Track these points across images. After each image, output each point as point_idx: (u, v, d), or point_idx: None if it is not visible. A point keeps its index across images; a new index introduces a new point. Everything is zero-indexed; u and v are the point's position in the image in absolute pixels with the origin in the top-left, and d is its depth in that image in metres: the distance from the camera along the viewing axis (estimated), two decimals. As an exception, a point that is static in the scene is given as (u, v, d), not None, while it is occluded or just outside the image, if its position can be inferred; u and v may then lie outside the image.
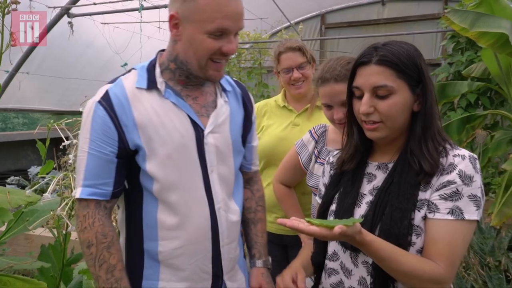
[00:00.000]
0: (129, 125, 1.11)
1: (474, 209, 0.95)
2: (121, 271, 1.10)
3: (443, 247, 0.93)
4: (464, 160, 0.98)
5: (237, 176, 1.32)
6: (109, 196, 1.13)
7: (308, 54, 1.90)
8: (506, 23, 2.49)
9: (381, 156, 1.11)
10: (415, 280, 0.93)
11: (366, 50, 1.04)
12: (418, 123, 1.02)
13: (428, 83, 1.02)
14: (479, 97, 4.23)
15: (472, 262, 2.58)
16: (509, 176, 2.85)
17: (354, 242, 0.90)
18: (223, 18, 1.05)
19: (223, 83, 1.29)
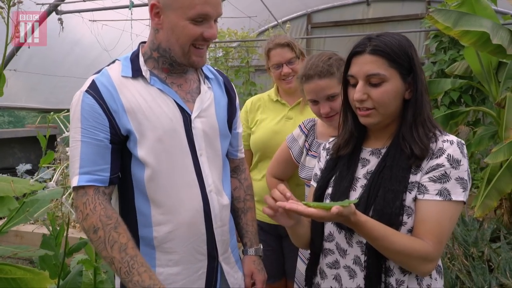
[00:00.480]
0: (118, 111, 1.13)
1: (460, 191, 1.01)
2: (133, 248, 1.10)
3: (431, 226, 0.99)
4: (452, 145, 1.04)
5: (224, 162, 1.36)
6: (107, 182, 1.13)
7: (297, 49, 1.95)
8: (487, 22, 2.59)
9: (374, 142, 1.17)
10: (406, 258, 0.98)
11: (361, 41, 1.09)
12: (409, 110, 1.08)
13: (419, 72, 1.07)
14: (462, 95, 4.35)
15: (457, 253, 2.66)
16: (491, 170, 2.96)
17: (349, 222, 0.93)
18: (203, 4, 1.09)
19: (205, 71, 1.33)
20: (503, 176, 2.62)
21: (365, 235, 0.97)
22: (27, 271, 1.29)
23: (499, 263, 2.43)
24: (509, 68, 3.26)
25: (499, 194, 2.65)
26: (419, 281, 1.06)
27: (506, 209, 3.32)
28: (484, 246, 2.70)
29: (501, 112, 3.02)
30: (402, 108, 1.10)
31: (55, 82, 5.00)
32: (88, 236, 1.11)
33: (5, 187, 1.15)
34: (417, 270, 1.01)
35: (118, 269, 1.08)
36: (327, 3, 7.55)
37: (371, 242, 0.98)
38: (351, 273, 1.11)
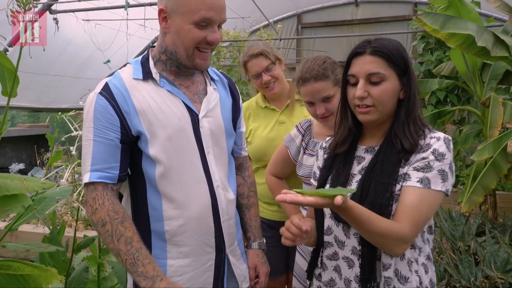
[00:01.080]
0: (130, 112, 1.19)
1: (440, 182, 1.09)
2: (138, 241, 1.16)
3: (410, 210, 1.07)
4: (439, 141, 1.12)
5: (230, 159, 1.43)
6: (116, 180, 1.20)
7: (271, 56, 1.98)
8: (472, 25, 2.69)
9: (369, 141, 1.25)
10: (386, 240, 1.05)
11: (361, 43, 1.17)
12: (402, 109, 1.16)
13: (412, 74, 1.17)
14: (448, 95, 4.47)
15: (445, 247, 2.76)
16: (476, 167, 3.07)
17: (341, 208, 0.98)
18: (206, 9, 1.15)
19: (211, 74, 1.41)
20: (488, 173, 2.72)
21: (351, 219, 1.02)
22: (35, 268, 1.32)
23: (485, 256, 2.53)
24: (493, 69, 3.37)
25: (484, 190, 2.75)
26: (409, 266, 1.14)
27: (490, 205, 3.43)
28: (470, 240, 2.80)
29: (486, 112, 3.12)
30: (396, 108, 1.18)
31: (47, 81, 4.98)
32: (97, 229, 1.18)
33: (18, 185, 1.19)
34: (392, 251, 1.08)
35: (124, 261, 1.15)
36: (317, 4, 7.63)
37: (356, 225, 1.04)
38: (350, 263, 1.18)
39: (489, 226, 3.03)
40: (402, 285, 1.11)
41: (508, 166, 2.68)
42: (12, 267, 1.31)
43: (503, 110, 2.77)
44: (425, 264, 1.17)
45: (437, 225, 3.17)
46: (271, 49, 2.02)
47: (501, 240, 2.71)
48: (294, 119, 2.02)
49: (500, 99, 2.87)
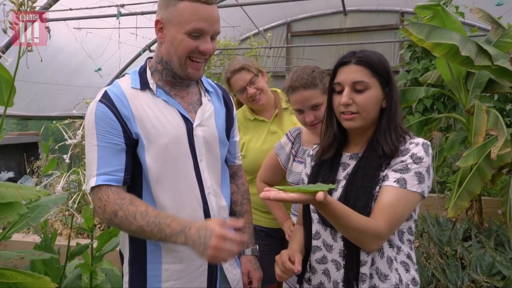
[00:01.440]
0: (130, 118, 1.23)
1: (416, 183, 1.15)
2: (154, 210, 1.18)
3: (386, 208, 1.12)
4: (418, 146, 1.19)
5: (223, 167, 1.46)
6: (121, 182, 1.23)
7: (253, 68, 2.02)
8: (456, 36, 2.78)
9: (353, 148, 1.31)
10: (361, 235, 1.10)
11: (346, 54, 1.25)
12: (384, 117, 1.23)
13: (394, 84, 1.24)
14: (434, 102, 4.56)
15: (432, 252, 2.80)
16: (462, 173, 3.14)
17: (321, 203, 1.02)
18: (198, 20, 1.20)
19: (206, 85, 1.45)
20: (473, 179, 2.79)
21: (330, 214, 1.06)
22: (28, 276, 1.33)
23: (471, 261, 2.58)
24: (477, 78, 3.45)
25: (469, 196, 2.82)
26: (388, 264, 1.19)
27: (476, 210, 3.50)
28: (457, 245, 2.84)
29: (470, 119, 3.20)
30: (378, 116, 1.24)
31: (37, 89, 4.96)
32: (112, 222, 1.19)
33: (14, 193, 1.21)
34: (367, 246, 1.13)
35: (150, 233, 1.15)
36: (306, 13, 7.73)
37: (335, 221, 1.08)
38: (338, 266, 1.23)
39: (475, 231, 3.08)
40: (382, 282, 1.16)
41: (492, 171, 2.76)
42: (5, 276, 1.31)
43: (486, 117, 2.85)
44: (405, 262, 1.22)
45: (425, 231, 3.22)
46: (251, 62, 2.06)
47: (486, 244, 2.76)
48: (285, 128, 2.06)
49: (484, 106, 2.95)
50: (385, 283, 1.16)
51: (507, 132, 2.58)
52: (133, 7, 3.61)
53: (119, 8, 3.31)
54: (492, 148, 2.53)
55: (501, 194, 3.40)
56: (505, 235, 2.95)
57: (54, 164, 1.41)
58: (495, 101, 3.91)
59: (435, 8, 3.19)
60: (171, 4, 1.21)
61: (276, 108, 2.12)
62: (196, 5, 1.20)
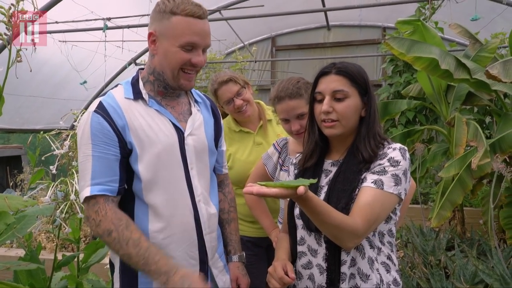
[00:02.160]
0: (124, 127, 1.26)
1: (392, 185, 1.20)
2: (146, 240, 1.20)
3: (363, 207, 1.16)
4: (395, 150, 1.24)
5: (212, 176, 1.50)
6: (115, 192, 1.25)
7: (240, 80, 2.06)
8: (436, 50, 2.87)
9: (334, 155, 1.36)
10: (340, 232, 1.13)
11: (327, 65, 1.31)
12: (363, 125, 1.29)
13: (372, 94, 1.30)
14: (417, 115, 4.66)
15: (417, 261, 2.84)
16: (444, 184, 3.20)
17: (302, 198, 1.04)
18: (191, 34, 1.25)
19: (195, 96, 1.49)
20: (455, 189, 2.85)
21: (310, 210, 1.08)
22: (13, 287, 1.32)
23: (454, 270, 2.62)
24: (457, 91, 3.55)
25: (452, 205, 2.87)
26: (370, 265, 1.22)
27: (459, 220, 3.57)
28: (440, 255, 2.88)
29: (451, 131, 3.28)
30: (358, 125, 1.30)
31: (21, 101, 4.91)
32: (104, 239, 1.21)
33: (1, 203, 1.20)
34: (345, 244, 1.16)
35: (136, 263, 1.18)
36: (290, 27, 7.88)
37: (314, 216, 1.11)
38: (321, 269, 1.26)
39: (458, 241, 3.13)
40: (364, 282, 1.19)
41: (473, 182, 2.82)
42: (-12, 288, 1.29)
43: (466, 129, 2.93)
44: (385, 263, 1.26)
45: (409, 241, 3.26)
46: (238, 74, 2.10)
47: (469, 253, 2.81)
48: (269, 139, 2.10)
49: (464, 118, 3.03)
50: (367, 283, 1.20)
51: (486, 143, 2.66)
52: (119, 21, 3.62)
53: (106, 21, 3.32)
54: (473, 159, 2.60)
55: (482, 204, 3.47)
56: (487, 244, 3.01)
57: (41, 175, 1.41)
58: (475, 113, 4.03)
59: (415, 23, 3.30)
60: (164, 18, 1.26)
61: (261, 119, 2.16)
62: (189, 19, 1.24)
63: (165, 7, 1.25)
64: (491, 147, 2.72)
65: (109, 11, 3.80)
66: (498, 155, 2.63)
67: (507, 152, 2.74)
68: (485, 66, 2.96)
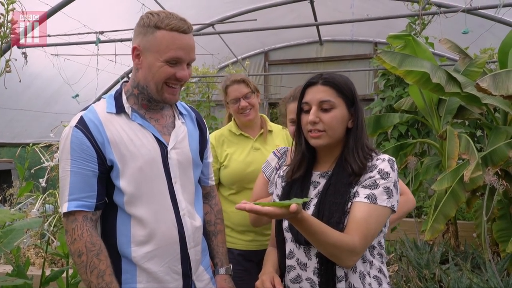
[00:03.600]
0: (104, 143, 1.25)
1: (385, 198, 1.20)
2: (110, 275, 1.19)
3: (359, 223, 1.15)
4: (384, 162, 1.24)
5: (196, 188, 1.48)
6: (93, 208, 1.23)
7: (252, 85, 2.14)
8: (427, 64, 2.90)
9: (322, 166, 1.35)
10: (337, 250, 1.11)
11: (314, 76, 1.31)
12: (351, 136, 1.29)
13: (359, 105, 1.30)
14: (409, 129, 4.69)
15: (411, 275, 2.82)
16: (437, 197, 3.20)
17: (296, 219, 1.04)
18: (176, 49, 1.25)
19: (180, 108, 1.49)
20: (448, 202, 2.85)
21: (306, 230, 1.08)
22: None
23: (449, 283, 2.61)
24: (448, 105, 3.59)
25: (445, 218, 2.87)
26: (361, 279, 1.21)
27: (452, 233, 3.57)
28: (435, 268, 2.87)
29: (443, 144, 3.30)
30: (345, 136, 1.30)
31: (12, 115, 4.87)
32: (73, 259, 1.20)
33: (-13, 216, 1.17)
34: (343, 262, 1.15)
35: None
36: (283, 42, 7.96)
37: (311, 236, 1.10)
38: (312, 284, 1.23)
39: (452, 254, 3.12)
40: None
41: (466, 194, 2.83)
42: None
43: (458, 142, 2.95)
44: (377, 276, 1.24)
45: (404, 254, 3.24)
46: (252, 80, 2.17)
47: (463, 267, 2.80)
48: (268, 147, 2.13)
49: (456, 132, 3.06)
50: None
51: (478, 156, 2.67)
52: (112, 34, 3.63)
53: (98, 35, 3.33)
54: (465, 172, 2.60)
55: (475, 217, 3.48)
56: (481, 257, 3.00)
57: (30, 187, 1.38)
58: (466, 126, 4.06)
59: (406, 38, 3.35)
60: (148, 32, 1.26)
61: (262, 128, 2.21)
62: (174, 34, 1.24)
63: (149, 21, 1.26)
64: (482, 160, 2.73)
65: (102, 25, 3.82)
66: (490, 168, 2.64)
67: (498, 165, 2.76)
68: (475, 80, 3.00)
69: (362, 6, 5.50)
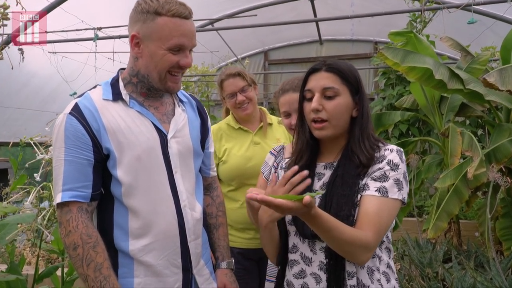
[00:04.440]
0: (100, 130, 1.20)
1: (396, 190, 1.15)
2: (108, 268, 1.14)
3: (371, 218, 1.11)
4: (392, 152, 1.20)
5: (197, 178, 1.43)
6: (88, 199, 1.18)
7: (248, 78, 2.05)
8: (430, 60, 2.87)
9: (327, 157, 1.30)
10: (352, 247, 1.06)
11: (317, 63, 1.26)
12: (356, 126, 1.23)
13: (364, 94, 1.25)
14: (410, 128, 4.66)
15: (414, 274, 2.79)
16: (440, 195, 3.17)
17: (309, 214, 0.99)
18: (179, 36, 1.21)
19: (180, 95, 1.44)
20: (451, 199, 2.81)
21: (320, 227, 1.03)
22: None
23: (453, 282, 2.57)
24: (450, 102, 3.56)
25: (448, 216, 2.84)
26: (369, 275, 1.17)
27: (455, 232, 3.53)
28: (438, 267, 2.84)
29: (446, 141, 3.27)
30: (350, 125, 1.24)
31: (9, 114, 4.83)
32: (68, 252, 1.15)
33: (-21, 210, 1.13)
34: (357, 259, 1.10)
35: (91, 287, 1.12)
36: (282, 42, 7.93)
37: (324, 233, 1.05)
38: (317, 279, 1.19)
39: (454, 253, 3.09)
40: None
41: (469, 192, 2.79)
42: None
43: (461, 139, 2.91)
44: (386, 272, 1.20)
45: (406, 253, 3.21)
46: (248, 72, 2.09)
47: (466, 265, 2.77)
48: (268, 141, 2.07)
49: (458, 129, 3.02)
50: None
51: (481, 153, 2.64)
52: (110, 31, 3.59)
53: (96, 31, 3.29)
54: (468, 168, 2.57)
55: (478, 215, 3.44)
56: (485, 256, 2.97)
57: (23, 180, 1.33)
58: (467, 126, 4.03)
59: (407, 34, 3.31)
60: (148, 19, 1.20)
61: (261, 121, 2.14)
62: (176, 20, 1.20)
63: (148, 7, 1.20)
64: (486, 157, 2.70)
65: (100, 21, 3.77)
66: (493, 164, 2.60)
67: (502, 162, 2.72)
68: (478, 77, 2.96)
69: (362, 4, 5.47)
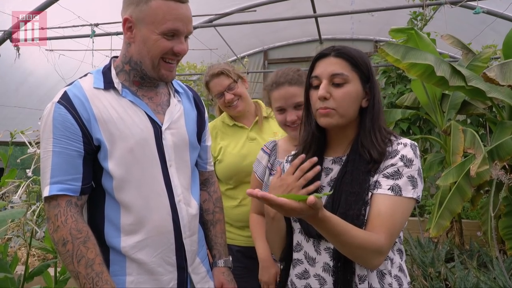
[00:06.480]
0: (90, 120, 1.14)
1: (410, 188, 1.06)
2: (100, 264, 1.09)
3: (385, 219, 1.02)
4: (406, 147, 1.10)
5: (193, 172, 1.37)
6: (78, 192, 1.12)
7: (232, 74, 1.96)
8: (431, 57, 2.83)
9: (335, 151, 1.21)
10: (363, 252, 0.98)
11: (325, 48, 1.16)
12: (367, 116, 1.14)
13: (375, 83, 1.15)
14: (410, 126, 4.63)
15: (416, 273, 2.74)
16: (442, 193, 3.13)
17: (316, 217, 0.90)
18: (174, 20, 1.14)
19: (175, 85, 1.38)
20: (453, 197, 2.77)
21: (328, 231, 0.95)
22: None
23: (455, 281, 2.53)
24: (452, 100, 3.52)
25: (451, 215, 2.79)
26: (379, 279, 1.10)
27: (457, 231, 3.49)
28: (440, 266, 2.80)
29: (447, 139, 3.24)
30: (360, 117, 1.16)
31: (5, 113, 4.78)
32: (57, 248, 1.09)
33: (-35, 205, 1.08)
34: (369, 263, 1.03)
35: (83, 284, 1.06)
36: (282, 41, 7.88)
37: (333, 238, 0.97)
38: (321, 281, 1.12)
39: (457, 252, 3.05)
40: None
41: (471, 190, 2.75)
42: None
43: (463, 137, 2.87)
44: (398, 276, 1.13)
45: (408, 253, 3.17)
46: (232, 67, 2.01)
47: (469, 265, 2.73)
48: (264, 135, 2.00)
49: (460, 127, 2.98)
50: None
51: (484, 150, 2.59)
52: (107, 27, 3.54)
53: (93, 27, 3.24)
54: (471, 166, 2.52)
55: (481, 214, 3.40)
56: (488, 255, 2.93)
57: (14, 175, 1.29)
58: (468, 125, 3.99)
59: (408, 31, 3.27)
60: (141, 1, 1.14)
61: (257, 115, 2.06)
62: (170, 3, 1.14)
63: None
64: (489, 155, 2.65)
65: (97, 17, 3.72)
66: (496, 162, 2.56)
67: (505, 159, 2.68)
68: (480, 74, 2.92)
69: (363, 2, 5.43)
